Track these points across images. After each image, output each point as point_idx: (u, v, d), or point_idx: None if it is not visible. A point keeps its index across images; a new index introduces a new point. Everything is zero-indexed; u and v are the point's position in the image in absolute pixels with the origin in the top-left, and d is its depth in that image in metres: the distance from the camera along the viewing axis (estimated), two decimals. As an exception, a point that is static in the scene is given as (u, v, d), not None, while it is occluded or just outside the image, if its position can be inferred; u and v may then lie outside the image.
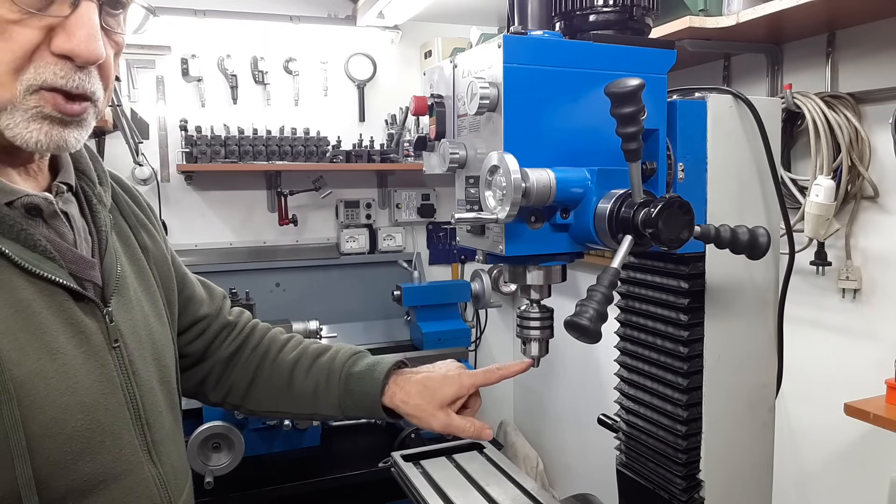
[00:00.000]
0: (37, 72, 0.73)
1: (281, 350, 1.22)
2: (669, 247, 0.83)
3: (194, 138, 2.97)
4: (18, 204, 0.80)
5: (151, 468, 0.90)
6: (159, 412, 0.94)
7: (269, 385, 1.19)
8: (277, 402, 1.19)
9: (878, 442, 1.73)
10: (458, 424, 1.09)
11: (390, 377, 1.14)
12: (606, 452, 1.40)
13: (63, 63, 0.74)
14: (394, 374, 1.15)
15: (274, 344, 1.24)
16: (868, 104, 1.74)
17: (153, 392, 0.94)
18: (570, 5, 0.95)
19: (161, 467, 0.91)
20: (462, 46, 3.06)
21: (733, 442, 1.08)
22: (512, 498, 1.39)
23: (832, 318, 1.88)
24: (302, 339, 1.25)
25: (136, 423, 0.88)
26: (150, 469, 0.90)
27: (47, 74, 0.74)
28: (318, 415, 1.18)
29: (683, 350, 1.04)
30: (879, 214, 1.75)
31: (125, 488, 0.85)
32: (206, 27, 3.10)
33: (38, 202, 0.82)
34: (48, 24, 0.73)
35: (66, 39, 0.73)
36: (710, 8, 1.77)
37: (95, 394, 0.82)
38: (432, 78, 1.04)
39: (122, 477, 0.85)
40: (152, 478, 0.89)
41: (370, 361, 1.17)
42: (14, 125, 0.74)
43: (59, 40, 0.73)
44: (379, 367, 1.15)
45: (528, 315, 1.00)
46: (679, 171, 0.97)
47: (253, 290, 2.95)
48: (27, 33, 0.72)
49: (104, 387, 0.84)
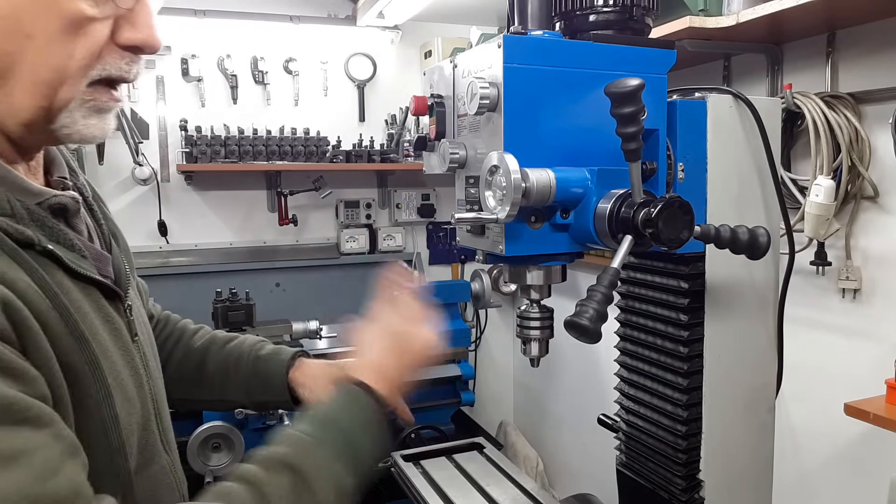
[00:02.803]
0: (104, 66, 0.73)
1: (192, 337, 1.24)
2: (669, 247, 0.83)
3: (194, 138, 2.97)
4: (46, 205, 0.78)
5: (166, 457, 0.93)
6: (164, 402, 0.97)
7: (181, 371, 1.20)
8: (187, 390, 1.20)
9: (878, 442, 1.73)
10: None
11: (296, 359, 1.18)
12: (606, 452, 1.39)
13: (129, 54, 0.75)
14: (299, 357, 1.20)
15: (186, 332, 1.25)
16: (868, 104, 1.74)
17: (160, 383, 0.97)
18: (570, 5, 0.95)
19: (170, 455, 0.95)
20: (462, 46, 3.06)
21: (733, 442, 1.08)
22: (512, 498, 1.39)
23: (832, 318, 1.88)
24: (210, 329, 1.28)
25: (156, 414, 0.91)
26: (165, 457, 0.93)
27: (113, 68, 0.74)
28: (226, 401, 1.21)
29: (683, 350, 1.04)
30: (879, 214, 1.75)
31: (152, 475, 0.88)
32: (206, 27, 3.10)
33: (65, 202, 0.81)
34: (116, 16, 0.73)
35: (135, 30, 0.74)
36: (710, 8, 1.77)
37: (134, 387, 0.85)
38: (432, 78, 1.04)
39: (150, 464, 0.88)
40: (168, 465, 0.93)
41: (276, 347, 1.23)
42: (72, 123, 0.74)
43: (127, 32, 0.74)
44: (284, 351, 1.21)
45: (528, 315, 1.00)
46: (679, 171, 0.98)
47: (253, 290, 2.94)
48: (102, 28, 0.72)
49: (136, 380, 0.86)
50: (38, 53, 0.68)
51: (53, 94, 0.71)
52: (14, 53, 0.68)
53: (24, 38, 0.68)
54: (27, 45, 0.68)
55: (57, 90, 0.71)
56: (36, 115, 0.71)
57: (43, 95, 0.70)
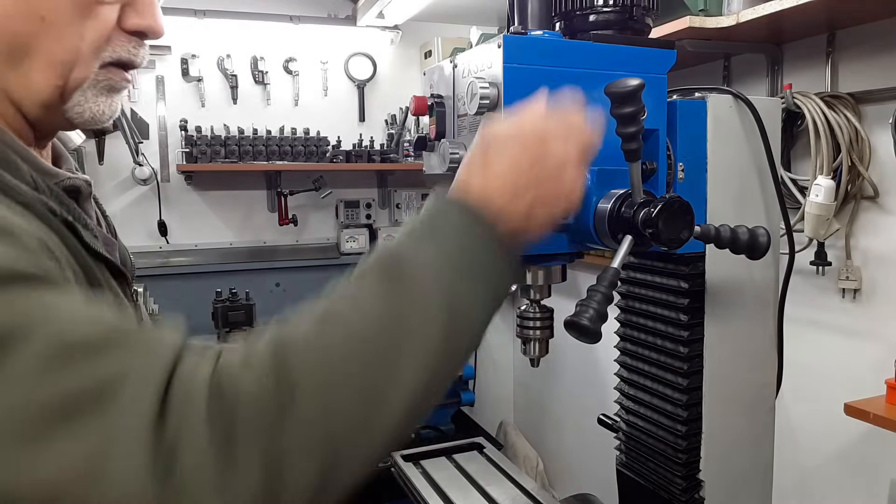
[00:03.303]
0: (113, 49, 0.77)
1: None
2: (669, 247, 0.83)
3: (194, 138, 2.97)
4: (61, 186, 0.81)
5: None
6: None
7: None
8: None
9: (878, 442, 1.73)
10: None
11: None
12: (606, 452, 1.40)
13: (135, 39, 0.78)
14: None
15: None
16: (868, 104, 1.74)
17: None
18: (570, 5, 0.95)
19: None
20: (462, 46, 3.06)
21: (733, 442, 1.08)
22: (512, 498, 1.39)
23: (832, 318, 1.88)
24: None
25: None
26: None
27: (122, 51, 0.77)
28: None
29: (683, 350, 1.04)
30: (879, 214, 1.75)
31: None
32: (206, 27, 3.10)
33: (79, 184, 0.83)
34: (123, 3, 0.76)
35: (140, 16, 0.77)
36: (710, 8, 1.77)
37: None
38: (432, 78, 1.04)
39: None
40: None
41: None
42: (84, 101, 0.77)
43: (132, 18, 0.77)
44: None
45: (528, 315, 1.00)
46: (679, 171, 0.98)
47: (253, 290, 2.95)
48: (110, 12, 0.75)
49: None
50: (51, 35, 0.72)
51: (68, 74, 0.74)
52: (29, 35, 0.71)
53: (38, 20, 0.71)
54: (41, 26, 0.71)
55: (71, 70, 0.74)
56: (52, 95, 0.75)
57: (58, 75, 0.74)
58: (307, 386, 0.57)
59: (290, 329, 0.62)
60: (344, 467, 0.58)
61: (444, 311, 0.62)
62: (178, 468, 0.51)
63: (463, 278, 0.65)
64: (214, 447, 0.52)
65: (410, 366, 0.60)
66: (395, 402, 0.59)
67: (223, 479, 0.52)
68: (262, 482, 0.53)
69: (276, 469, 0.54)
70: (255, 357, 0.58)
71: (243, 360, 0.58)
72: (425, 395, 0.62)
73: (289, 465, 0.55)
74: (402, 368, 0.60)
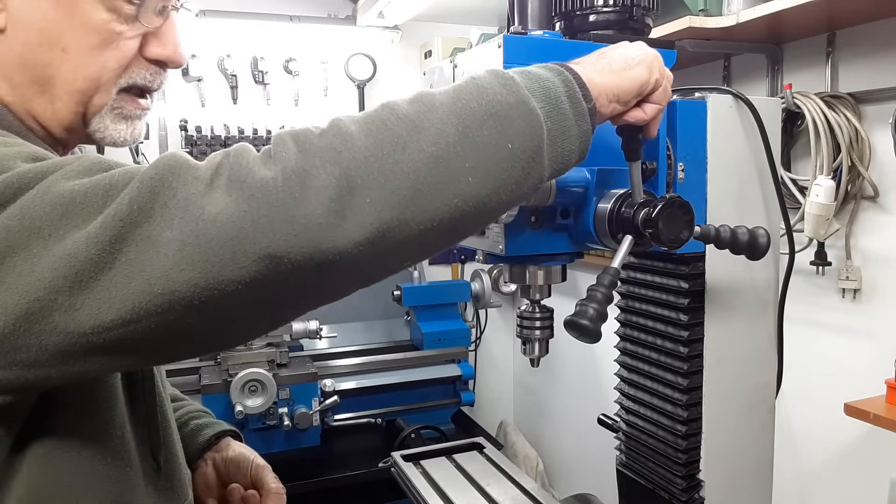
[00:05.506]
0: (130, 75, 0.80)
1: None
2: (669, 247, 0.83)
3: (194, 138, 2.97)
4: None
5: (175, 447, 0.95)
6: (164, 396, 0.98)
7: None
8: None
9: (878, 442, 1.73)
10: None
11: (220, 439, 1.11)
12: (606, 452, 1.40)
13: (154, 67, 0.82)
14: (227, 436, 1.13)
15: None
16: (868, 104, 1.74)
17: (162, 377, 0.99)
18: (570, 5, 0.95)
19: (176, 445, 0.96)
20: (462, 46, 3.06)
21: (733, 442, 1.08)
22: (512, 498, 1.39)
23: (832, 318, 1.88)
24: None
25: (168, 406, 0.94)
26: (175, 448, 0.95)
27: (138, 77, 0.81)
28: None
29: (683, 350, 1.04)
30: (879, 214, 1.75)
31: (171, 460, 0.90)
32: (206, 27, 3.09)
33: None
34: (145, 33, 0.80)
35: (161, 46, 0.81)
36: (710, 8, 1.77)
37: (159, 379, 0.89)
38: (432, 78, 1.04)
39: (169, 448, 0.90)
40: (178, 454, 0.95)
41: (206, 422, 1.14)
42: (104, 128, 0.81)
43: (154, 47, 0.80)
44: (211, 427, 1.12)
45: (529, 315, 1.00)
46: (679, 171, 0.98)
47: (253, 290, 2.93)
48: (131, 43, 0.79)
49: (159, 374, 0.90)
50: (72, 65, 0.76)
51: (88, 101, 0.78)
52: (50, 65, 0.75)
53: (59, 52, 0.75)
54: (63, 58, 0.75)
55: (91, 97, 0.78)
56: (74, 120, 0.79)
57: (79, 102, 0.78)
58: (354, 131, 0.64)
59: None
60: (358, 194, 0.62)
61: (497, 105, 0.67)
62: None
63: (537, 98, 0.70)
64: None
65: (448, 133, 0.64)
66: (416, 153, 0.63)
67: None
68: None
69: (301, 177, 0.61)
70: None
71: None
72: (459, 158, 0.64)
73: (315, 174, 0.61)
74: (436, 134, 0.64)
